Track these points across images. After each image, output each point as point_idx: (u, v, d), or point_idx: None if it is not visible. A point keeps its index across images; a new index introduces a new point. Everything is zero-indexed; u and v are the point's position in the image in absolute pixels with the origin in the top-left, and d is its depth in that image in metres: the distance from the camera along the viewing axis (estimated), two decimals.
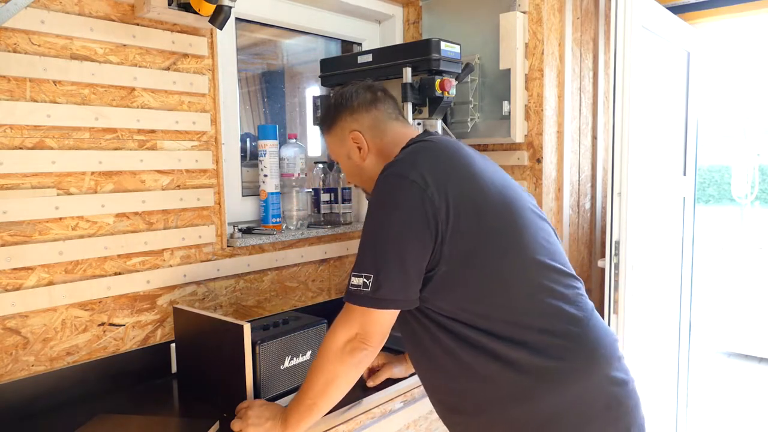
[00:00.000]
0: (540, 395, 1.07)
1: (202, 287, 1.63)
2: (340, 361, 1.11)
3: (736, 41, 10.31)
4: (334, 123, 1.31)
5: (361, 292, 1.07)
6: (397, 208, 1.07)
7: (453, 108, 2.06)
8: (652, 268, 2.16)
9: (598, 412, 1.09)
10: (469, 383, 1.12)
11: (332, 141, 1.33)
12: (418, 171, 1.08)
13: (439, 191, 1.07)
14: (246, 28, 1.98)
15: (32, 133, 1.30)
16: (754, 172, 6.75)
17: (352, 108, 1.29)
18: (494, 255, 1.09)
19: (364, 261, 1.09)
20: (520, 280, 1.11)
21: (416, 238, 1.06)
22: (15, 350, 1.31)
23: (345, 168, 1.34)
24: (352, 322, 1.11)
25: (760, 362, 4.44)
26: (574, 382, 1.08)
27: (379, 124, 1.29)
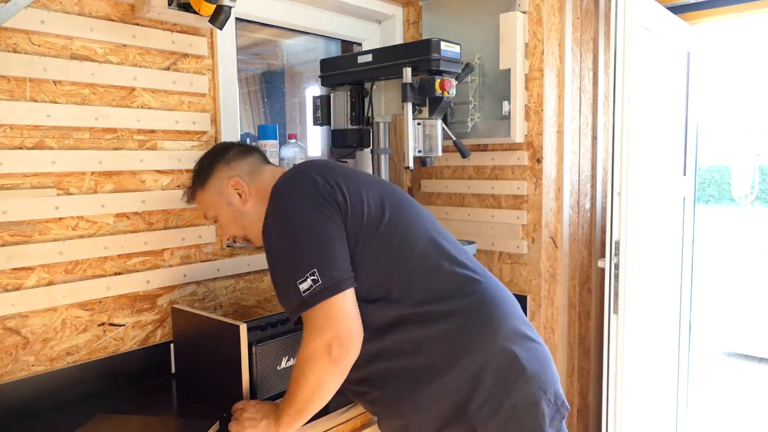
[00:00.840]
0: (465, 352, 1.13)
1: (202, 287, 1.63)
2: (324, 370, 1.09)
3: (736, 41, 10.31)
4: (210, 176, 1.34)
5: (316, 290, 1.07)
6: (298, 201, 1.13)
7: (453, 108, 2.06)
8: (652, 268, 2.16)
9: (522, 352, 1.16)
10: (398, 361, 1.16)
11: (208, 195, 1.35)
12: (301, 173, 1.19)
13: (327, 179, 1.16)
14: (246, 28, 1.98)
15: (32, 133, 1.30)
16: (754, 172, 6.75)
17: (227, 159, 1.35)
18: (396, 230, 1.18)
19: (297, 264, 1.09)
20: (419, 252, 1.18)
21: (327, 218, 1.12)
22: (15, 350, 1.31)
23: (224, 219, 1.34)
24: (321, 325, 1.08)
25: (760, 362, 4.44)
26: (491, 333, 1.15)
27: (255, 168, 1.35)
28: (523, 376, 1.14)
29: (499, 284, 1.26)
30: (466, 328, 1.14)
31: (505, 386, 1.12)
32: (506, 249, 2.06)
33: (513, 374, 1.13)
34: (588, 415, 2.36)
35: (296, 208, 1.13)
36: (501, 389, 1.12)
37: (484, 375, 1.12)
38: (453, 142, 1.82)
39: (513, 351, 1.14)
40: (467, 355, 1.12)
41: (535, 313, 2.02)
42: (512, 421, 1.12)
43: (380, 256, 1.16)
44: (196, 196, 1.38)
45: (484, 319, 1.16)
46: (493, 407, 1.11)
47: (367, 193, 1.18)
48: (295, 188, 1.16)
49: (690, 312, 2.55)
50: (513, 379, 1.13)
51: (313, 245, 1.10)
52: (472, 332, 1.14)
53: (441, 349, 1.14)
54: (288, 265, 1.11)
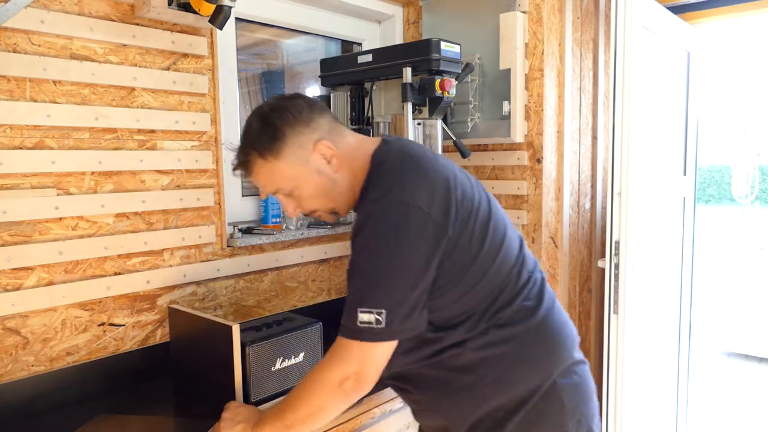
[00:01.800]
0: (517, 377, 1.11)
1: (202, 287, 1.63)
2: (332, 398, 1.06)
3: (736, 41, 10.31)
4: (286, 140, 1.09)
5: (373, 329, 1.01)
6: (403, 237, 1.01)
7: (453, 108, 2.06)
8: (652, 268, 2.16)
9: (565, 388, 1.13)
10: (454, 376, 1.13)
11: (284, 166, 1.10)
12: (416, 193, 1.04)
13: (440, 208, 1.04)
14: (246, 28, 1.98)
15: (32, 133, 1.30)
16: (754, 172, 6.75)
17: (305, 118, 1.11)
18: (484, 260, 1.10)
19: (371, 295, 1.02)
20: (501, 278, 1.12)
21: (425, 265, 1.03)
22: (15, 350, 1.31)
23: (309, 191, 1.14)
24: (351, 359, 1.04)
25: (760, 362, 4.44)
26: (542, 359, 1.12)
27: (335, 127, 1.15)
28: (560, 412, 1.12)
29: (563, 314, 1.21)
30: (523, 357, 1.11)
31: (538, 417, 1.11)
32: None
33: (551, 408, 1.12)
34: None
35: (395, 245, 1.01)
36: (532, 420, 1.11)
37: (527, 404, 1.11)
38: (453, 142, 1.82)
39: (558, 385, 1.12)
40: (518, 383, 1.11)
41: None
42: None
43: (468, 289, 1.09)
44: (260, 166, 1.11)
45: (541, 349, 1.13)
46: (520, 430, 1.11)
47: (471, 219, 1.08)
48: (409, 218, 1.02)
49: (690, 312, 2.55)
50: (548, 413, 1.12)
51: (394, 287, 1.02)
52: (527, 361, 1.12)
53: (494, 373, 1.11)
54: (362, 287, 1.04)
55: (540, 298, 1.16)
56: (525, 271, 1.15)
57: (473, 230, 1.08)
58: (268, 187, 1.15)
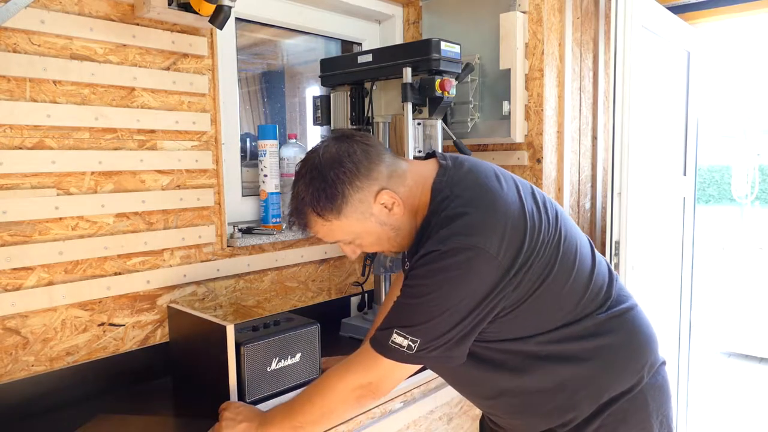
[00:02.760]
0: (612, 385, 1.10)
1: (202, 287, 1.63)
2: (344, 402, 1.08)
3: (736, 41, 10.31)
4: (347, 201, 1.05)
5: (403, 352, 1.02)
6: (466, 279, 0.99)
7: (453, 108, 2.06)
8: (652, 268, 2.16)
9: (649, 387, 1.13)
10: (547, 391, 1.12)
11: (347, 222, 1.08)
12: (486, 235, 0.99)
13: (510, 251, 1.01)
14: (246, 28, 1.98)
15: (32, 133, 1.30)
16: (754, 172, 6.75)
17: (364, 168, 1.06)
18: (556, 278, 1.07)
19: (414, 324, 1.01)
20: (578, 290, 1.10)
21: (476, 306, 1.01)
22: (15, 350, 1.31)
23: (370, 241, 1.12)
24: (371, 369, 1.06)
25: (760, 362, 4.44)
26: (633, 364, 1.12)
27: (393, 168, 1.09)
28: (644, 410, 1.13)
29: (644, 318, 1.20)
30: (612, 366, 1.11)
31: (624, 417, 1.11)
32: None
33: (637, 408, 1.12)
34: None
35: (457, 285, 0.99)
36: (620, 418, 1.11)
37: (614, 404, 1.10)
38: (453, 142, 1.82)
39: (643, 387, 1.12)
40: (609, 390, 1.11)
41: None
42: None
43: (540, 307, 1.07)
44: (320, 225, 1.10)
45: (630, 356, 1.13)
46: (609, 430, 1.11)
47: (536, 256, 1.04)
48: (477, 263, 0.99)
49: (690, 312, 2.55)
50: (634, 413, 1.12)
51: (438, 325, 1.01)
52: (617, 370, 1.11)
53: (585, 385, 1.11)
54: (409, 312, 1.03)
55: (621, 303, 1.15)
56: (601, 279, 1.14)
57: (543, 256, 1.05)
58: (328, 239, 1.14)
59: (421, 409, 1.54)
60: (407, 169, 1.12)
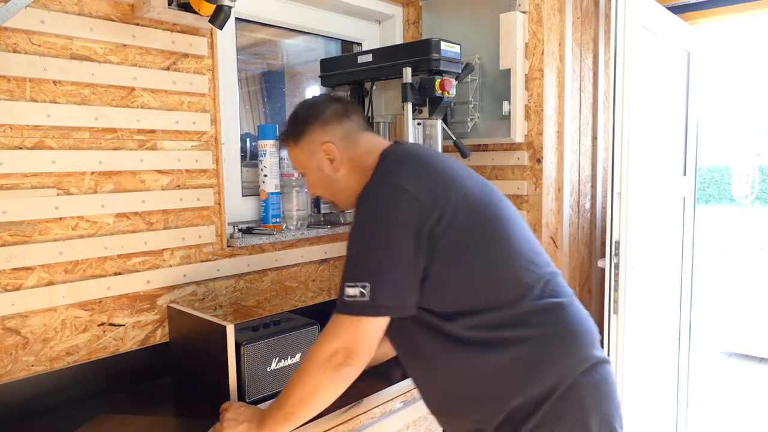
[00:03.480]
0: (536, 377, 1.10)
1: (202, 287, 1.63)
2: (323, 374, 1.09)
3: (736, 41, 10.31)
4: (303, 135, 1.27)
5: (357, 302, 1.06)
6: (390, 215, 1.08)
7: (453, 108, 2.06)
8: (652, 268, 2.16)
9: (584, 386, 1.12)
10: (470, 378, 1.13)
11: (300, 153, 1.29)
12: (407, 178, 1.11)
13: (430, 195, 1.09)
14: (246, 28, 1.98)
15: (32, 133, 1.30)
16: (754, 172, 6.75)
17: (324, 120, 1.27)
18: (482, 249, 1.12)
19: (358, 270, 1.08)
20: (507, 271, 1.13)
21: (411, 243, 1.07)
22: (15, 350, 1.31)
23: (313, 180, 1.30)
24: (341, 333, 1.08)
25: (760, 362, 4.44)
26: (561, 359, 1.12)
27: (351, 135, 1.27)
28: (579, 410, 1.12)
29: (582, 311, 1.21)
30: (540, 357, 1.11)
31: (558, 416, 1.10)
32: None
33: (569, 407, 1.11)
34: None
35: (386, 218, 1.08)
36: (554, 418, 1.10)
37: (545, 403, 1.10)
38: (453, 142, 1.82)
39: (577, 385, 1.12)
40: (537, 383, 1.11)
41: None
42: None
43: (463, 276, 1.11)
44: (288, 147, 1.33)
45: (559, 349, 1.13)
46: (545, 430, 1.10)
47: (467, 208, 1.12)
48: (397, 198, 1.09)
49: (690, 312, 2.55)
50: (566, 412, 1.11)
51: (380, 262, 1.07)
52: (545, 362, 1.12)
53: (511, 375, 1.11)
54: (351, 264, 1.10)
55: (554, 298, 1.16)
56: (538, 270, 1.16)
57: (468, 226, 1.11)
58: (292, 162, 1.35)
59: (421, 409, 1.54)
60: (364, 137, 1.29)
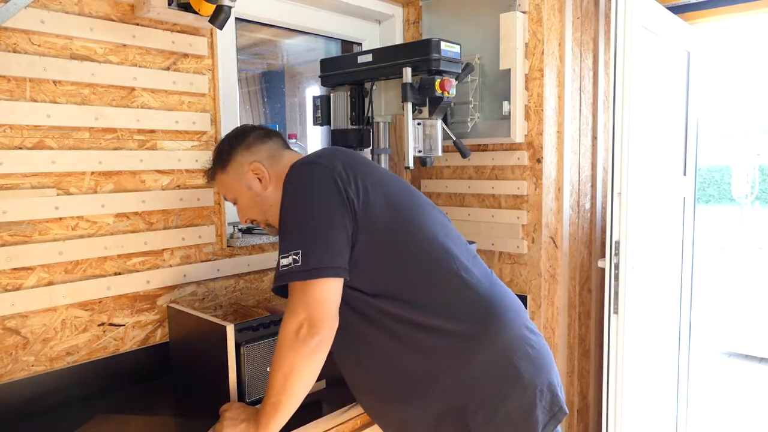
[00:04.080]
0: (466, 358, 1.14)
1: (202, 287, 1.63)
2: (294, 351, 1.09)
3: (736, 41, 10.31)
4: (230, 160, 1.34)
5: (291, 269, 1.09)
6: (310, 187, 1.15)
7: (453, 108, 2.06)
8: (652, 268, 2.16)
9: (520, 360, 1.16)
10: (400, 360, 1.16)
11: (228, 179, 1.34)
12: (324, 158, 1.19)
13: (346, 170, 1.16)
14: (246, 28, 1.98)
15: (32, 133, 1.30)
16: (754, 172, 6.75)
17: (247, 143, 1.34)
18: (404, 229, 1.19)
19: (288, 241, 1.12)
20: (426, 256, 1.19)
21: (333, 208, 1.13)
22: (15, 350, 1.31)
23: (244, 202, 1.34)
24: (296, 306, 1.10)
25: (760, 362, 4.44)
26: (491, 341, 1.16)
27: (274, 153, 1.35)
28: (519, 384, 1.15)
29: (503, 288, 1.27)
30: (469, 339, 1.15)
31: (501, 393, 1.14)
32: (506, 249, 2.06)
33: (510, 382, 1.15)
34: (588, 415, 2.36)
35: (307, 190, 1.15)
36: (497, 396, 1.13)
37: (482, 382, 1.13)
38: (453, 142, 1.82)
39: (512, 359, 1.16)
40: (468, 363, 1.14)
41: (535, 313, 2.02)
42: (506, 427, 1.14)
43: (386, 252, 1.17)
44: (216, 178, 1.38)
45: (486, 329, 1.16)
46: (488, 413, 1.12)
47: (382, 189, 1.19)
48: (312, 171, 1.17)
49: (690, 312, 2.55)
50: (509, 387, 1.14)
51: (306, 228, 1.12)
52: (474, 343, 1.15)
53: (441, 356, 1.14)
54: (282, 238, 1.14)
55: (477, 276, 1.21)
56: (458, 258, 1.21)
57: (382, 198, 1.18)
58: (221, 193, 1.41)
59: None
60: (287, 153, 1.37)
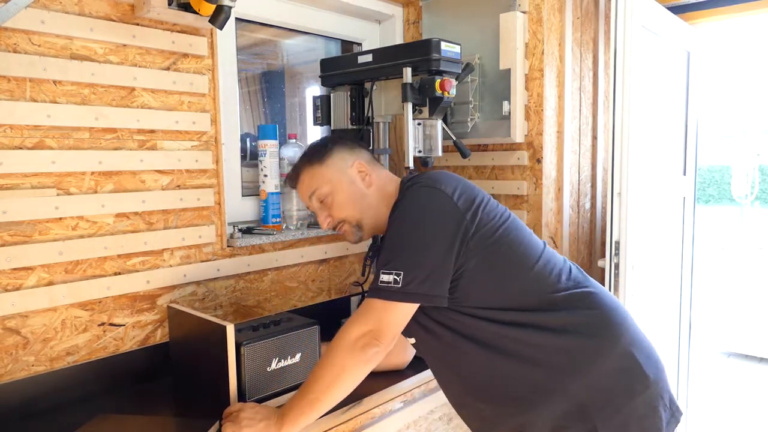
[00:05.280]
0: (591, 360, 1.15)
1: (202, 287, 1.63)
2: (351, 356, 1.13)
3: (736, 41, 10.31)
4: (331, 154, 1.33)
5: (390, 288, 1.12)
6: (427, 212, 1.17)
7: (453, 108, 2.06)
8: (652, 268, 2.16)
9: (643, 358, 1.18)
10: (516, 367, 1.17)
11: (327, 171, 1.32)
12: (443, 183, 1.21)
13: (462, 198, 1.19)
14: (246, 28, 1.98)
15: (32, 133, 1.30)
16: (754, 172, 6.75)
17: (349, 145, 1.36)
18: (512, 244, 1.21)
19: (394, 259, 1.15)
20: (536, 263, 1.21)
21: (445, 237, 1.15)
22: (15, 350, 1.31)
23: (341, 198, 1.31)
24: (369, 316, 1.14)
25: (760, 362, 4.44)
26: (616, 340, 1.17)
27: (373, 161, 1.38)
28: (644, 381, 1.16)
29: (608, 291, 1.29)
30: (589, 337, 1.16)
31: (627, 390, 1.15)
32: None
33: (635, 379, 1.16)
34: None
35: (422, 214, 1.17)
36: (622, 393, 1.15)
37: (606, 380, 1.14)
38: (453, 142, 1.82)
39: (635, 356, 1.17)
40: (590, 363, 1.15)
41: None
42: (633, 424, 1.14)
43: (497, 273, 1.19)
44: (306, 171, 1.34)
45: (606, 327, 1.18)
46: (614, 408, 1.13)
47: (491, 213, 1.21)
48: (433, 196, 1.19)
49: (690, 312, 2.55)
50: (634, 384, 1.16)
51: (413, 252, 1.15)
52: (595, 341, 1.16)
53: (562, 358, 1.16)
54: (386, 254, 1.17)
55: (586, 283, 1.23)
56: (559, 264, 1.24)
57: (496, 226, 1.20)
58: (309, 188, 1.34)
59: (421, 409, 1.54)
60: (383, 169, 1.39)
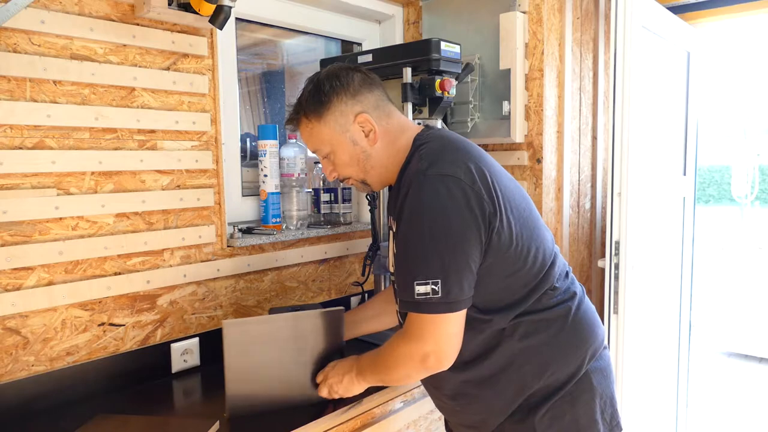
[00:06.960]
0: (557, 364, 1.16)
1: (202, 287, 1.63)
2: (417, 372, 1.15)
3: (736, 41, 10.31)
4: (330, 106, 1.16)
5: (432, 300, 1.05)
6: (450, 208, 1.05)
7: (453, 108, 2.06)
8: (652, 268, 2.16)
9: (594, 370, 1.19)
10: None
11: (327, 130, 1.17)
12: (460, 167, 1.08)
13: (483, 184, 1.08)
14: (246, 28, 1.98)
15: (32, 133, 1.30)
16: (754, 172, 6.75)
17: (353, 89, 1.17)
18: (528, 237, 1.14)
19: (427, 267, 1.05)
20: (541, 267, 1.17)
21: (474, 235, 1.06)
22: (15, 350, 1.31)
23: (343, 158, 1.19)
24: (426, 335, 1.08)
25: (760, 362, 4.44)
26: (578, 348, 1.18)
27: (382, 104, 1.20)
28: (590, 392, 1.16)
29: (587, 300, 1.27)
30: (561, 345, 1.16)
31: (571, 399, 1.15)
32: None
33: (583, 390, 1.16)
34: None
35: (443, 216, 1.05)
36: (567, 401, 1.15)
37: (562, 388, 1.15)
38: None
39: (589, 370, 1.18)
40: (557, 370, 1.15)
41: None
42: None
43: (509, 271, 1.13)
44: (305, 126, 1.20)
45: (577, 338, 1.18)
46: (556, 415, 1.14)
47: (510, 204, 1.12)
48: (450, 187, 1.05)
49: (690, 312, 2.55)
50: (580, 395, 1.16)
51: (445, 256, 1.04)
52: (563, 350, 1.16)
53: (533, 361, 1.15)
54: (415, 262, 1.06)
55: (574, 287, 1.22)
56: (558, 263, 1.22)
57: (512, 213, 1.11)
58: (309, 145, 1.23)
59: (421, 409, 1.54)
60: (394, 111, 1.23)
